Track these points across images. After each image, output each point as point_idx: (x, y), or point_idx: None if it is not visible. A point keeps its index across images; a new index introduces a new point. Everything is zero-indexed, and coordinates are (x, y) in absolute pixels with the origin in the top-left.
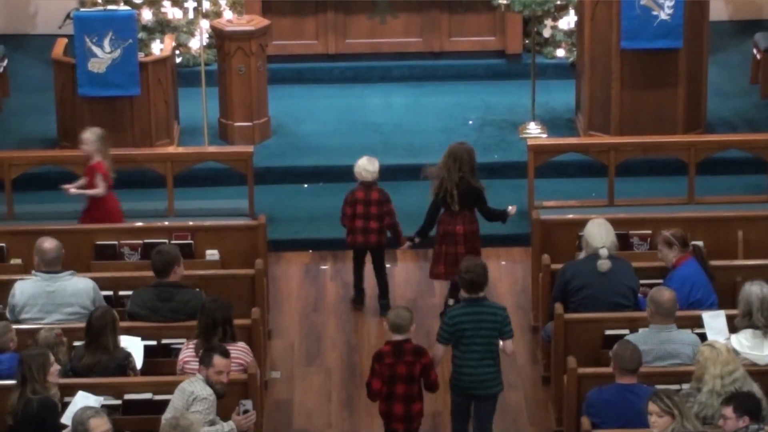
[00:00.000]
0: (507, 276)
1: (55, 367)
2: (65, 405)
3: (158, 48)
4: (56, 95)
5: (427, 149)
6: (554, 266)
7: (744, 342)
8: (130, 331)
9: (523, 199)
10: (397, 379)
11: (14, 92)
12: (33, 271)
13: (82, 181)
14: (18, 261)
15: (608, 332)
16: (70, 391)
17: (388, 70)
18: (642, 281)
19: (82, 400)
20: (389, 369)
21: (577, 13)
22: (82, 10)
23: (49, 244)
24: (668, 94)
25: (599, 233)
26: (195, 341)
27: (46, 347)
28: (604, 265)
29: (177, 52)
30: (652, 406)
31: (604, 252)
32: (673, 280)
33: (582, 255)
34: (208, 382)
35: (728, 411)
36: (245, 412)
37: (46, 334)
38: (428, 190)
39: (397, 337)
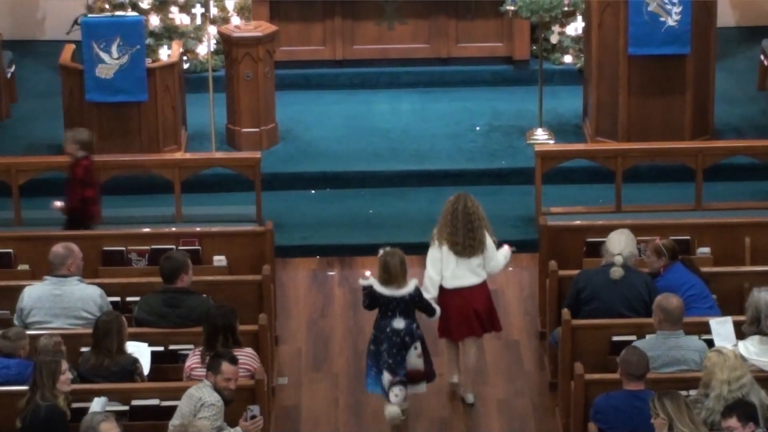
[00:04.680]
0: (514, 282)
1: (67, 376)
2: (75, 411)
3: (166, 54)
4: (64, 101)
5: (434, 155)
6: (561, 272)
7: (751, 348)
8: (137, 337)
9: (531, 205)
10: None
11: (22, 98)
12: (45, 276)
13: None
14: (25, 267)
15: (615, 338)
16: (78, 396)
17: (395, 76)
18: None
19: (98, 404)
20: None
21: (584, 19)
22: (89, 15)
23: (55, 247)
24: (676, 100)
25: (618, 241)
26: (201, 348)
27: (52, 354)
28: (616, 272)
29: (185, 57)
30: None
31: (618, 259)
32: (660, 287)
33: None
34: (216, 389)
35: (733, 421)
36: (252, 417)
37: (46, 341)
38: (434, 196)
39: None
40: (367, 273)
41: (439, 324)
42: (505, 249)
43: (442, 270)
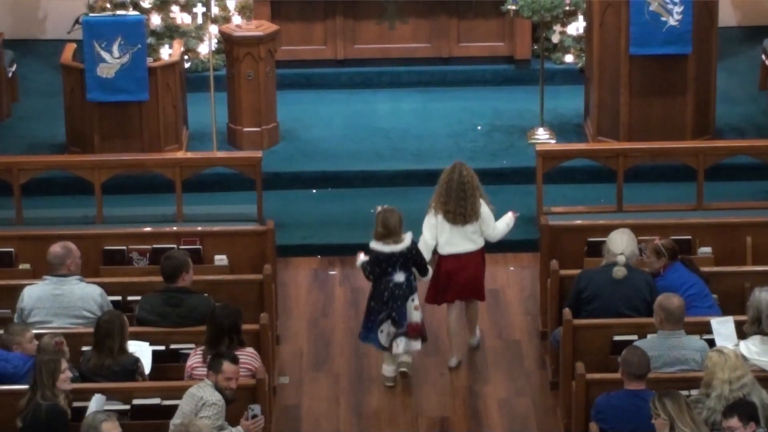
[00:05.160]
0: (515, 281)
1: (67, 375)
2: (75, 410)
3: (167, 53)
4: (65, 100)
5: (435, 155)
6: (563, 272)
7: (752, 348)
8: (138, 336)
9: (532, 204)
10: None
11: (23, 97)
12: (45, 276)
13: None
14: (27, 266)
15: (617, 338)
16: (79, 396)
17: (396, 75)
18: None
19: (96, 403)
20: None
21: (586, 18)
22: (91, 15)
23: (53, 247)
24: (677, 100)
25: (621, 240)
26: (203, 347)
27: (51, 353)
28: (619, 272)
29: (186, 57)
30: None
31: (621, 259)
32: (660, 287)
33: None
34: (217, 388)
35: (734, 421)
36: (254, 417)
37: (47, 341)
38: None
39: None
40: (361, 254)
41: (430, 289)
42: (509, 216)
43: (438, 236)
